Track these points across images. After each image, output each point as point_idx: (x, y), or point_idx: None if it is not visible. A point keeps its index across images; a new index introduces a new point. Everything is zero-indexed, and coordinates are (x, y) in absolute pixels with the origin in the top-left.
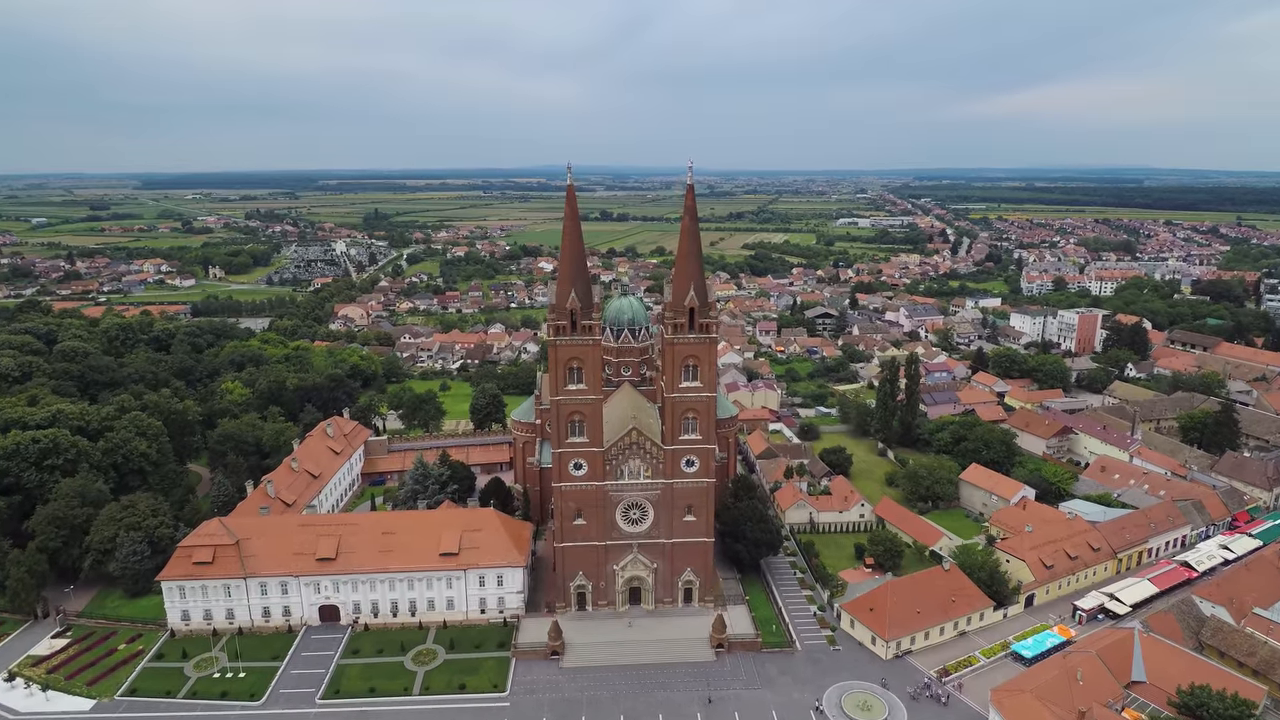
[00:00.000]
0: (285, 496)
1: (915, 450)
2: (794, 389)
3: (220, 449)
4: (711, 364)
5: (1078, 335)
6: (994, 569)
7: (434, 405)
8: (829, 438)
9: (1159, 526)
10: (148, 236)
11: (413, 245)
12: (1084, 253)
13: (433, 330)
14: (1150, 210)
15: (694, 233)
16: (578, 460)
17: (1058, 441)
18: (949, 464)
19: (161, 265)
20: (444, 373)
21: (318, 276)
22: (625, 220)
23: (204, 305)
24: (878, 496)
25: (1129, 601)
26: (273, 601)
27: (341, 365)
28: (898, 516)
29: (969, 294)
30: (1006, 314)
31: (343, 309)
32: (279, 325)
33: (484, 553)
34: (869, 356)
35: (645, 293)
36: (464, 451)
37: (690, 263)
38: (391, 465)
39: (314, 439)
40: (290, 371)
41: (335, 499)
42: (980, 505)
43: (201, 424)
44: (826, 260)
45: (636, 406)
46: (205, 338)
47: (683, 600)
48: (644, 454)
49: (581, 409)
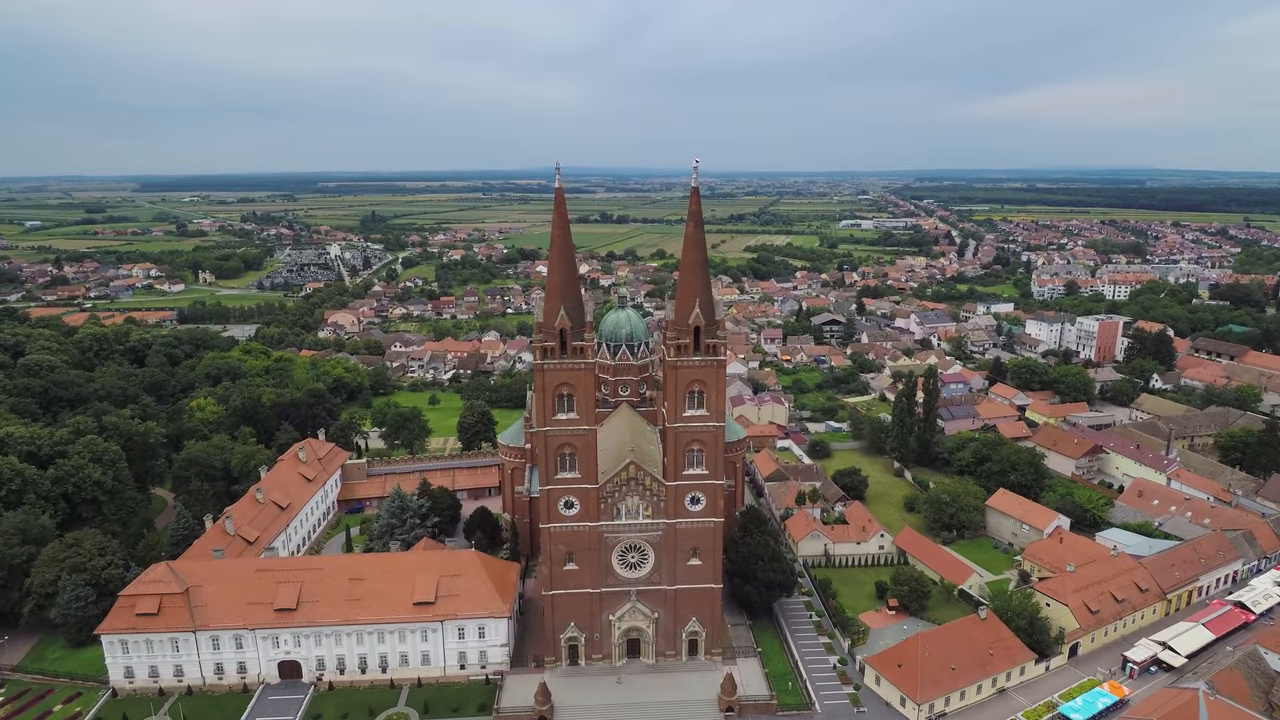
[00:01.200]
0: (247, 533)
1: (934, 470)
2: (802, 401)
3: (184, 474)
4: (720, 390)
5: (1098, 343)
6: (1034, 615)
7: (418, 424)
8: (841, 456)
9: (1209, 562)
10: (140, 240)
11: (409, 249)
12: (1093, 255)
13: (425, 338)
14: (1155, 211)
15: (699, 241)
16: (568, 498)
17: (1088, 461)
18: (974, 489)
19: (151, 270)
20: (434, 384)
21: (310, 281)
22: (625, 222)
23: (190, 311)
24: (897, 524)
25: (1184, 651)
26: (226, 657)
27: (324, 378)
28: (921, 549)
29: (979, 298)
30: (1020, 320)
31: (333, 315)
32: (265, 333)
33: (464, 601)
34: (879, 366)
35: (646, 297)
36: (449, 475)
37: (695, 275)
38: (371, 491)
39: (285, 464)
40: (269, 385)
41: (306, 531)
42: (1010, 535)
43: (167, 446)
44: (831, 263)
45: (636, 431)
46: (183, 348)
47: (687, 653)
48: (643, 490)
49: (573, 441)
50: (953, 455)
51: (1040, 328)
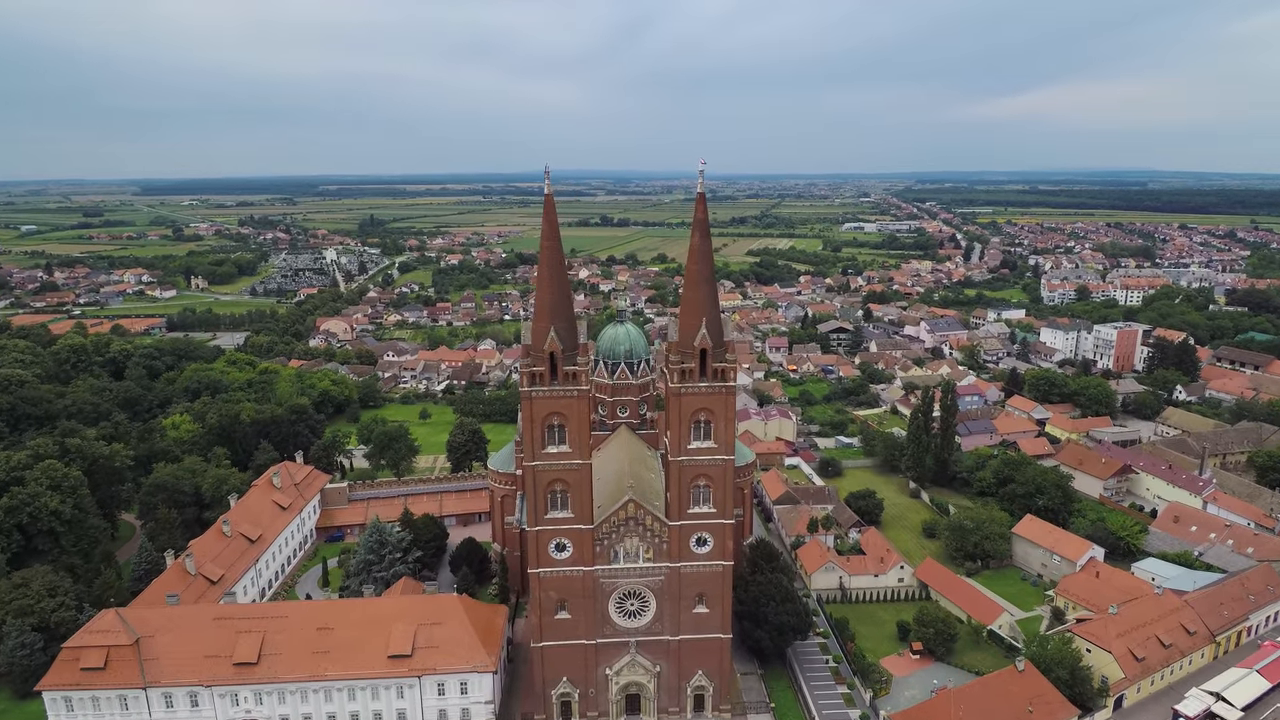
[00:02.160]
0: (210, 570)
1: (952, 490)
2: (809, 414)
3: (150, 501)
4: (729, 419)
5: (1116, 352)
6: (1075, 664)
7: (405, 443)
8: (853, 475)
9: (1259, 598)
10: (135, 244)
11: (406, 253)
12: (1101, 258)
13: (418, 347)
14: (1160, 214)
15: (706, 252)
16: (560, 540)
17: (1116, 482)
18: (999, 514)
19: (143, 275)
20: (427, 395)
21: (304, 286)
22: (625, 226)
23: (180, 319)
24: (916, 552)
25: (1240, 703)
26: (180, 716)
27: (310, 391)
28: (944, 582)
29: (988, 304)
30: (1032, 327)
31: (325, 323)
32: (254, 342)
33: (445, 653)
34: (889, 377)
35: (646, 303)
36: (436, 499)
37: (701, 290)
38: (352, 517)
39: (258, 491)
40: (252, 400)
41: (279, 565)
42: (1039, 566)
43: (134, 469)
44: (835, 267)
45: (635, 458)
46: (164, 360)
47: (692, 709)
48: (644, 531)
49: (565, 477)
50: (972, 475)
51: (1056, 336)
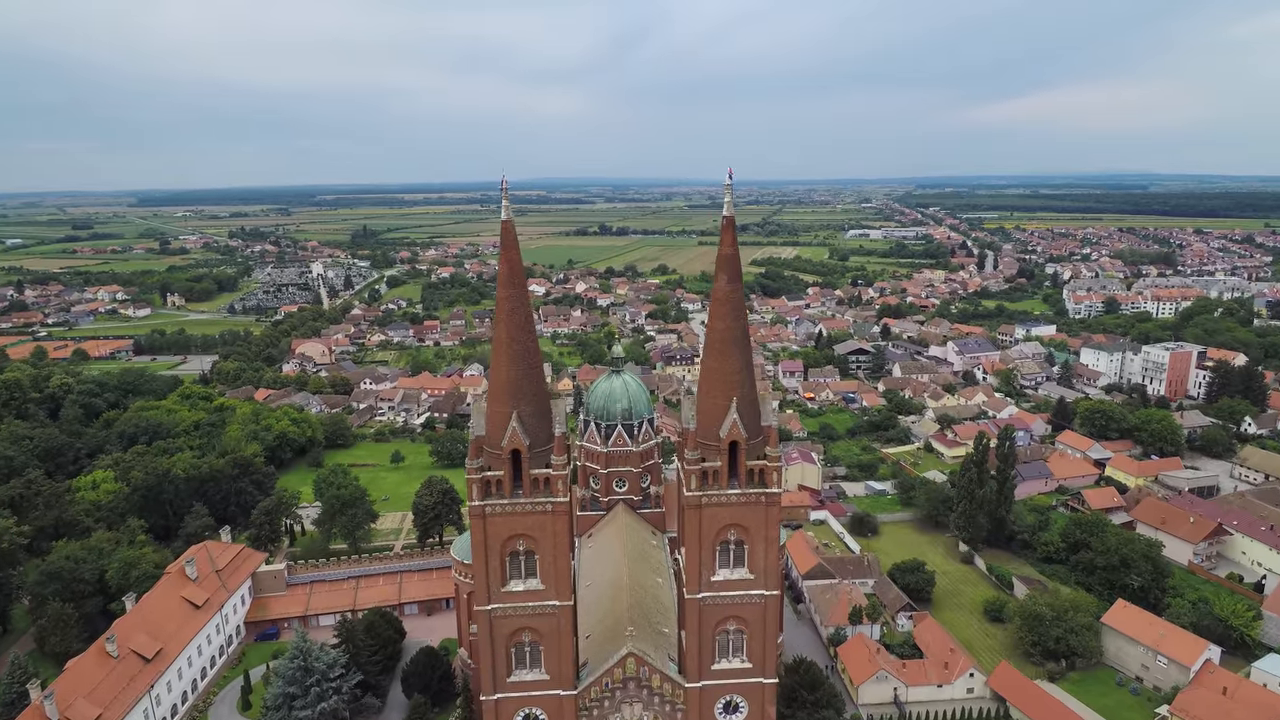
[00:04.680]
0: (81, 712)
1: (1010, 554)
2: (832, 452)
3: (42, 593)
4: (770, 539)
5: (1168, 377)
6: None
7: (362, 507)
8: (891, 533)
9: None
10: (118, 258)
11: (396, 266)
12: (1120, 266)
13: (400, 372)
14: (1169, 218)
15: (736, 304)
16: (530, 712)
17: (1208, 546)
18: (1083, 598)
19: (117, 293)
20: (404, 431)
21: (286, 303)
22: (625, 234)
23: (148, 341)
24: (979, 643)
25: None
26: None
27: (264, 435)
28: (1027, 696)
29: (1010, 317)
30: (1066, 345)
31: (301, 345)
32: (221, 369)
33: None
34: (919, 407)
35: (648, 318)
36: (395, 581)
37: (729, 358)
38: (290, 608)
39: (168, 584)
40: (194, 447)
41: (189, 683)
42: (1139, 668)
43: (28, 549)
44: (844, 278)
45: (636, 554)
46: (108, 396)
47: None
48: (649, 696)
49: (536, 625)
50: (1034, 536)
51: (1098, 357)
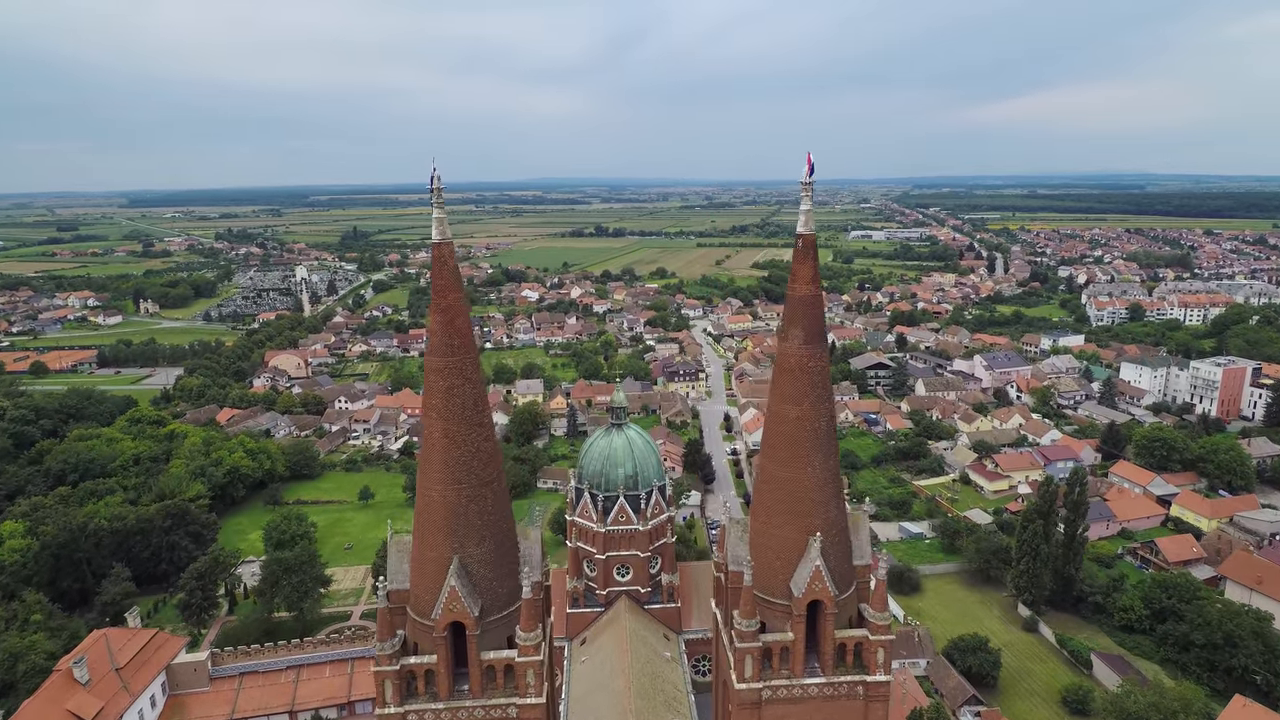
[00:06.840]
0: None
1: (1078, 617)
2: (857, 484)
3: None
4: None
5: (1221, 396)
6: None
7: (312, 574)
8: (935, 588)
9: None
10: (97, 261)
11: (384, 269)
12: (1135, 269)
13: (379, 388)
14: (1175, 218)
15: (820, 381)
16: None
17: None
18: (1193, 693)
19: (89, 299)
20: (379, 458)
21: (265, 309)
22: (621, 235)
23: (113, 352)
24: None
25: None
26: None
27: (212, 471)
28: None
29: (1029, 324)
30: (1099, 358)
31: (275, 357)
32: (185, 385)
33: None
34: (950, 430)
35: (646, 325)
36: (344, 671)
37: (806, 465)
38: (214, 709)
39: (51, 691)
40: (131, 485)
41: None
42: None
43: None
44: (850, 282)
45: (645, 670)
46: (46, 422)
47: None
48: None
49: None
50: (1107, 598)
51: (1140, 374)
